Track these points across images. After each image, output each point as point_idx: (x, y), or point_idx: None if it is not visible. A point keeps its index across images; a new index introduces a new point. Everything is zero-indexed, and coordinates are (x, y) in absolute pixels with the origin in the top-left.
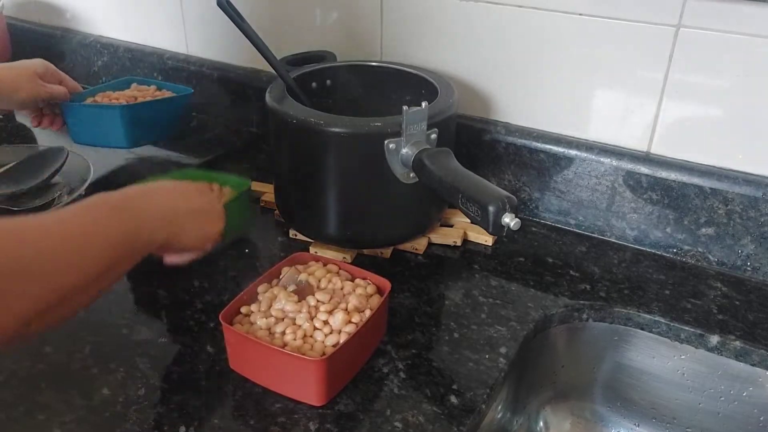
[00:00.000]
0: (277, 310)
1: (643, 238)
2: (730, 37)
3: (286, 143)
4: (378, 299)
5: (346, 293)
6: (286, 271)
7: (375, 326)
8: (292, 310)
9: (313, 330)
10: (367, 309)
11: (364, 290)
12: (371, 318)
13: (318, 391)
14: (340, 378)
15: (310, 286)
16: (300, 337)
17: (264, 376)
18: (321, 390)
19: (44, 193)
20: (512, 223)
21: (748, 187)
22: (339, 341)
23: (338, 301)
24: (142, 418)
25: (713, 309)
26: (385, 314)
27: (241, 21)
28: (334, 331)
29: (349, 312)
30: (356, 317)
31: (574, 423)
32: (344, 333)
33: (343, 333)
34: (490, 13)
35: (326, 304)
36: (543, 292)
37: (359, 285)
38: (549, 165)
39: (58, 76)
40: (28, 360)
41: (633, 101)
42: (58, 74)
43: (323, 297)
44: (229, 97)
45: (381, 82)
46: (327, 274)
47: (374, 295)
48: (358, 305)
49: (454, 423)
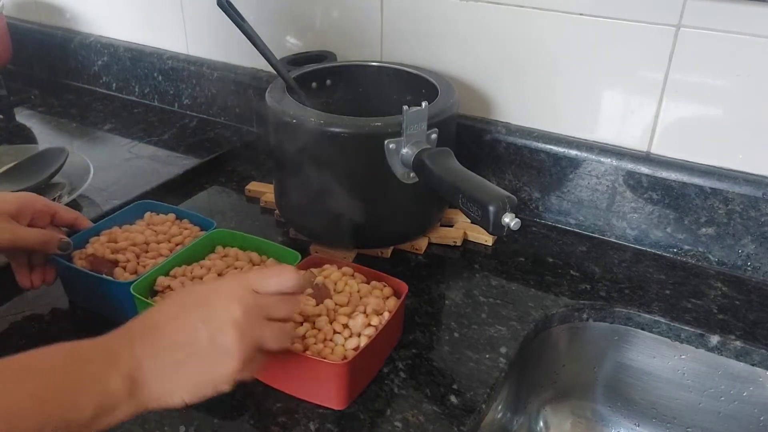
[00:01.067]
0: (296, 314)
1: (644, 238)
2: (730, 37)
3: (286, 143)
4: (395, 301)
5: (364, 296)
6: (302, 274)
7: (393, 329)
8: (311, 314)
9: (333, 333)
10: (385, 311)
11: (380, 293)
12: (390, 320)
13: (339, 395)
14: (360, 381)
15: (327, 289)
16: (320, 340)
17: (284, 381)
18: (342, 394)
19: (45, 193)
20: (512, 223)
21: (748, 187)
22: (359, 344)
23: (356, 304)
24: (142, 418)
25: (713, 309)
26: (401, 317)
27: (241, 21)
28: (353, 334)
29: (368, 315)
30: (375, 320)
31: (574, 423)
32: (364, 336)
33: (363, 336)
34: (490, 13)
35: (345, 307)
36: (543, 292)
37: (376, 287)
38: (549, 165)
39: (47, 211)
40: None
41: (633, 101)
42: (47, 208)
43: (341, 300)
44: (229, 97)
45: (381, 82)
46: (343, 277)
47: (391, 297)
48: (376, 308)
49: (454, 423)
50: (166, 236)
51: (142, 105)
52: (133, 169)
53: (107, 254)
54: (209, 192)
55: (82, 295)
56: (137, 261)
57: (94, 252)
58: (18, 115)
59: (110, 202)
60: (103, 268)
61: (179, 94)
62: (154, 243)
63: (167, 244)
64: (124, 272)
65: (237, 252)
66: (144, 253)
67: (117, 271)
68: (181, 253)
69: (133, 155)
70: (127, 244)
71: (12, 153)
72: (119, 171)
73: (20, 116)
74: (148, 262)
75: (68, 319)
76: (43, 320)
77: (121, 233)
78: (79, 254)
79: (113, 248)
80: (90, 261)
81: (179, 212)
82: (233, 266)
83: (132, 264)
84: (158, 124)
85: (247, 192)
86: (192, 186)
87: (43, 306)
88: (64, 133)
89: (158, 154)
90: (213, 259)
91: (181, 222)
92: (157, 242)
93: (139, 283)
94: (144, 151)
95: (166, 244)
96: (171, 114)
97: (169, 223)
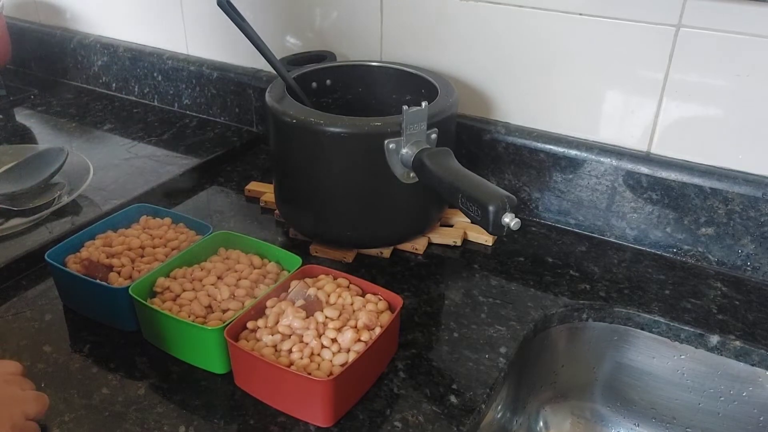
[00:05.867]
0: (284, 326)
1: (643, 238)
2: (730, 37)
3: (286, 143)
4: (389, 316)
5: (356, 309)
6: (296, 284)
7: (385, 344)
8: (299, 327)
9: (321, 348)
10: (377, 326)
11: (374, 306)
12: (381, 336)
13: (324, 412)
14: (348, 398)
15: (319, 301)
16: (307, 355)
17: (269, 395)
18: (327, 411)
19: (44, 193)
20: (512, 223)
21: (748, 187)
22: (347, 360)
23: (347, 318)
24: (142, 418)
25: (713, 309)
26: (396, 332)
27: (241, 21)
28: (342, 349)
29: (359, 330)
30: (365, 335)
31: (574, 423)
32: (353, 352)
33: (351, 352)
34: (490, 13)
35: (335, 320)
36: (543, 292)
37: (370, 301)
38: (549, 165)
39: None
40: (28, 359)
41: (633, 101)
42: None
43: (332, 313)
44: (229, 97)
45: (381, 82)
46: (337, 289)
47: (385, 312)
48: (367, 323)
49: (453, 423)
50: (162, 240)
51: (141, 105)
52: (133, 169)
53: (102, 259)
54: (209, 192)
55: (76, 299)
56: (132, 266)
57: (89, 256)
58: (17, 115)
59: (109, 202)
60: (98, 273)
61: (179, 94)
62: (149, 247)
63: (163, 249)
64: (118, 277)
65: (239, 254)
66: (139, 257)
67: (112, 276)
68: (183, 254)
69: (133, 155)
70: (123, 248)
71: (11, 153)
72: (119, 171)
73: (20, 116)
74: (143, 266)
75: (68, 319)
76: (43, 320)
77: (116, 237)
78: (73, 258)
79: (108, 252)
80: (84, 265)
81: (175, 216)
82: (234, 269)
83: (127, 269)
84: (158, 124)
85: (246, 192)
86: (191, 186)
87: (43, 305)
88: (64, 132)
89: (158, 154)
90: (214, 261)
91: (177, 226)
92: (152, 246)
93: (138, 285)
94: (143, 151)
95: (162, 249)
96: (171, 114)
97: (165, 227)
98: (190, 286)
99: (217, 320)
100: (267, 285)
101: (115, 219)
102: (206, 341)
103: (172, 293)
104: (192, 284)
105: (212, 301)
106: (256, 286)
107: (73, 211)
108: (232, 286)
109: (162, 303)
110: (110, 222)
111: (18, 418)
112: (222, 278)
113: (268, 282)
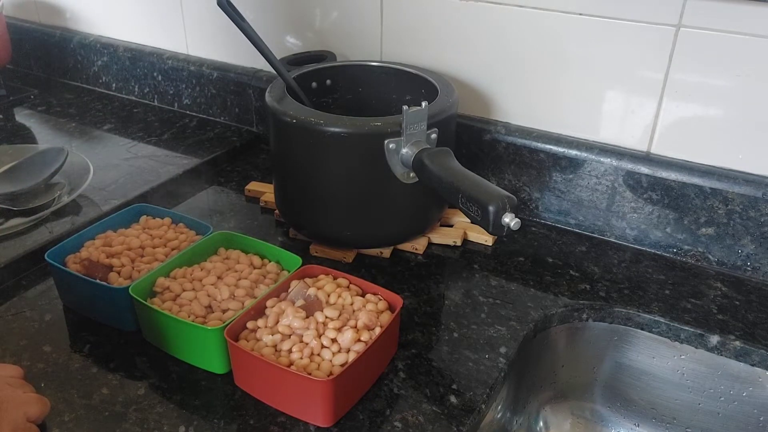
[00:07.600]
0: (284, 326)
1: (643, 238)
2: (730, 37)
3: (286, 143)
4: (389, 316)
5: (356, 309)
6: (296, 284)
7: (385, 344)
8: (299, 327)
9: (321, 348)
10: (377, 326)
11: (374, 306)
12: (381, 336)
13: (324, 413)
14: (348, 398)
15: (319, 301)
16: (307, 355)
17: (269, 395)
18: (327, 411)
19: (44, 193)
20: (512, 223)
21: (748, 187)
22: (347, 360)
23: (347, 318)
24: (142, 418)
25: (713, 309)
26: (396, 331)
27: (241, 21)
28: (342, 349)
29: (359, 330)
30: (365, 335)
31: (574, 423)
32: (353, 352)
33: (351, 352)
34: (491, 13)
35: (335, 320)
36: (543, 292)
37: (370, 301)
38: (549, 165)
39: None
40: (28, 359)
41: (633, 101)
42: None
43: (332, 313)
44: (229, 97)
45: (381, 82)
46: (337, 289)
47: (385, 312)
48: (367, 323)
49: (453, 423)
50: (161, 240)
51: (141, 105)
52: (133, 169)
53: (102, 259)
54: (209, 192)
55: (76, 299)
56: (132, 266)
57: (89, 256)
58: (17, 115)
59: (109, 202)
60: (98, 273)
61: (179, 94)
62: (149, 247)
63: (163, 249)
64: (118, 277)
65: (239, 254)
66: (139, 257)
67: (112, 276)
68: (183, 254)
69: (133, 155)
70: (123, 248)
71: (11, 153)
72: (119, 171)
73: (19, 116)
74: (143, 266)
75: (68, 319)
76: (43, 320)
77: (116, 237)
78: (73, 258)
79: (108, 252)
80: (84, 265)
81: (175, 216)
82: (234, 269)
83: (127, 269)
84: (158, 124)
85: (246, 192)
86: (191, 186)
87: (43, 305)
88: (64, 132)
89: (158, 154)
90: (214, 261)
91: (177, 226)
92: (152, 246)
93: (138, 285)
94: (143, 151)
95: (162, 249)
96: (171, 114)
97: (165, 227)
98: (190, 286)
99: (217, 320)
100: (267, 285)
101: (115, 219)
102: (206, 341)
103: (172, 293)
104: (192, 284)
105: (212, 301)
106: (256, 286)
107: (73, 211)
108: (232, 286)
109: (162, 303)
110: (110, 222)
111: (19, 420)
112: (222, 278)
113: (268, 282)
